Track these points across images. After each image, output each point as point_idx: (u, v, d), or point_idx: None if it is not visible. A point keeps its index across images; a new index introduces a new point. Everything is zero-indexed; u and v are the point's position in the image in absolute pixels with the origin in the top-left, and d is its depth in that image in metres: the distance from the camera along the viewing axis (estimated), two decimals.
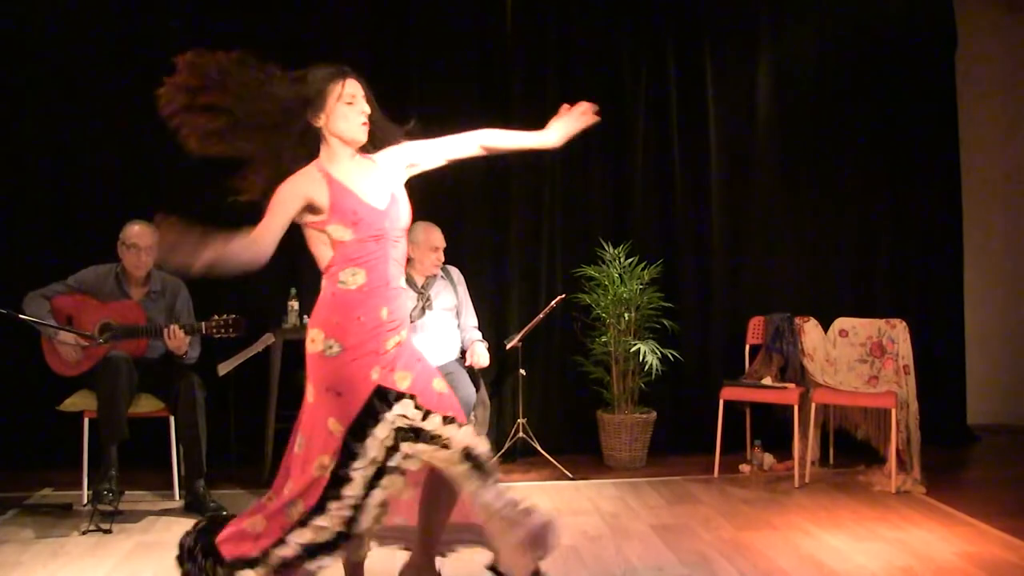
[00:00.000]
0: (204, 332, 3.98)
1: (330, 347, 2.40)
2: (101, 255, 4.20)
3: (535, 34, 5.08)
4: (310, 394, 2.45)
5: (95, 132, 4.73)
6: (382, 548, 2.71)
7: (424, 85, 5.00)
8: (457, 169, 5.08)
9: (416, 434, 2.37)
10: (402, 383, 2.42)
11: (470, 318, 4.64)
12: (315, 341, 2.43)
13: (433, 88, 5.00)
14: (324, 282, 2.51)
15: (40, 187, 4.72)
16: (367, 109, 2.55)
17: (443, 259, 4.56)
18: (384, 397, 2.38)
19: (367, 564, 2.69)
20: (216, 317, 3.97)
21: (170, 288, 4.23)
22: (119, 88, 4.71)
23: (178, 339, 3.96)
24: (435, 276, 4.55)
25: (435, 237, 4.50)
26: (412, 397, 2.41)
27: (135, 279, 4.16)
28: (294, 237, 5.18)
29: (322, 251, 2.53)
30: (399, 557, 2.70)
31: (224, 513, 2.58)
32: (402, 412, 2.38)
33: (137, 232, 4.10)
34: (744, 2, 5.25)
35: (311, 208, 2.45)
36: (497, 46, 5.05)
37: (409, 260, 4.52)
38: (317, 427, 2.40)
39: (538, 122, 5.08)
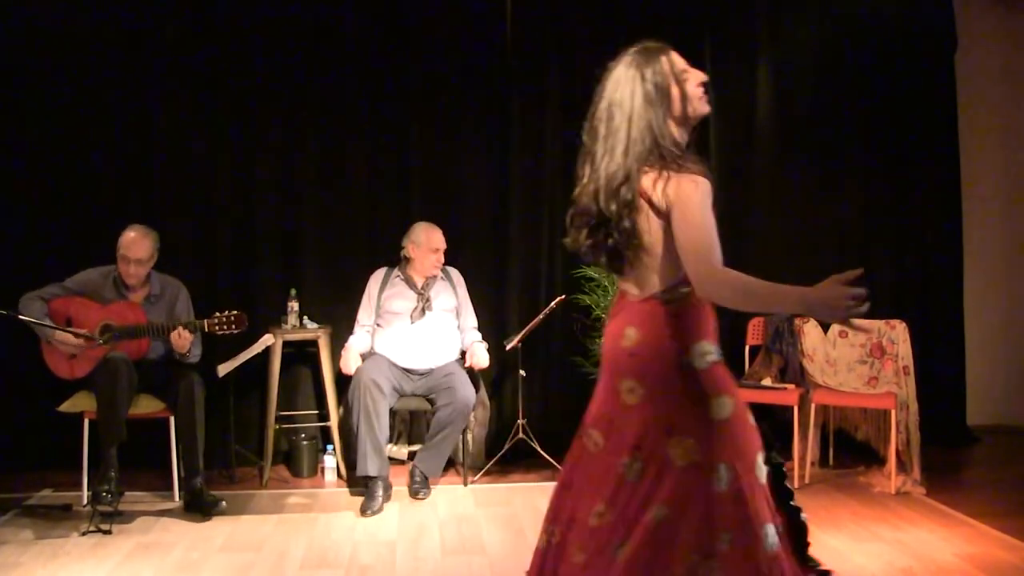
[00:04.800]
0: (207, 330, 3.99)
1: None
2: (101, 256, 4.20)
3: (535, 36, 5.07)
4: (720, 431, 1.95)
5: (95, 132, 4.72)
6: None
7: (427, 85, 5.00)
8: (456, 169, 5.14)
9: None
10: None
11: (470, 319, 4.64)
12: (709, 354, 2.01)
13: (433, 91, 5.00)
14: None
15: (39, 188, 4.70)
16: None
17: (443, 260, 4.56)
18: None
19: None
20: (218, 314, 3.98)
21: (170, 290, 4.23)
22: (118, 88, 4.72)
23: (184, 339, 3.97)
24: (435, 277, 4.56)
25: (436, 238, 4.50)
26: None
27: (132, 283, 4.16)
28: (293, 238, 5.22)
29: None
30: None
31: None
32: None
33: (130, 242, 4.07)
34: (744, 3, 5.24)
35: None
36: (497, 49, 5.04)
37: (409, 261, 4.55)
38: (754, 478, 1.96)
39: (538, 125, 5.15)
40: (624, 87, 2.02)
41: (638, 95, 2.00)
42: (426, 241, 4.48)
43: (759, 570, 1.89)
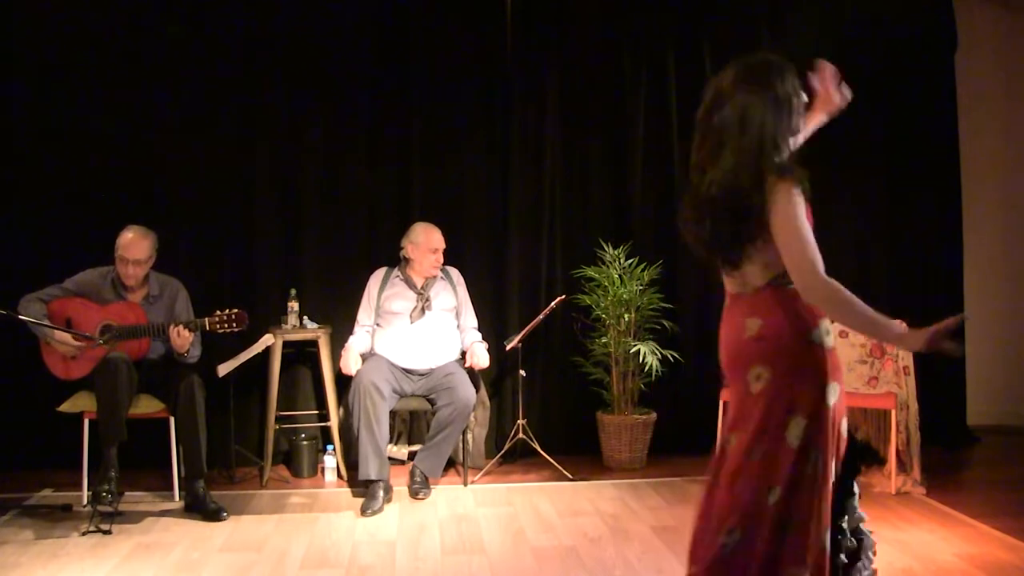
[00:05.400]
0: (208, 328, 3.99)
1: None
2: (101, 256, 4.19)
3: (535, 38, 5.07)
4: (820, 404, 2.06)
5: (95, 132, 4.71)
6: None
7: (427, 86, 5.00)
8: (456, 170, 5.14)
9: None
10: None
11: (470, 319, 4.64)
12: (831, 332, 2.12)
13: (434, 92, 5.00)
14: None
15: (39, 188, 4.70)
16: None
17: (442, 260, 4.56)
18: None
19: None
20: (219, 312, 3.98)
21: (168, 290, 4.22)
22: (118, 88, 4.72)
23: (183, 338, 3.96)
24: (435, 277, 4.56)
25: (435, 238, 4.50)
26: None
27: (131, 284, 4.15)
28: (293, 238, 5.21)
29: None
30: None
31: None
32: None
33: (128, 243, 4.06)
34: (744, 4, 5.24)
35: None
36: (497, 51, 5.04)
37: (408, 261, 4.55)
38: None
39: (538, 126, 5.15)
40: (756, 93, 2.13)
41: (770, 102, 2.13)
42: (425, 241, 4.48)
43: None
